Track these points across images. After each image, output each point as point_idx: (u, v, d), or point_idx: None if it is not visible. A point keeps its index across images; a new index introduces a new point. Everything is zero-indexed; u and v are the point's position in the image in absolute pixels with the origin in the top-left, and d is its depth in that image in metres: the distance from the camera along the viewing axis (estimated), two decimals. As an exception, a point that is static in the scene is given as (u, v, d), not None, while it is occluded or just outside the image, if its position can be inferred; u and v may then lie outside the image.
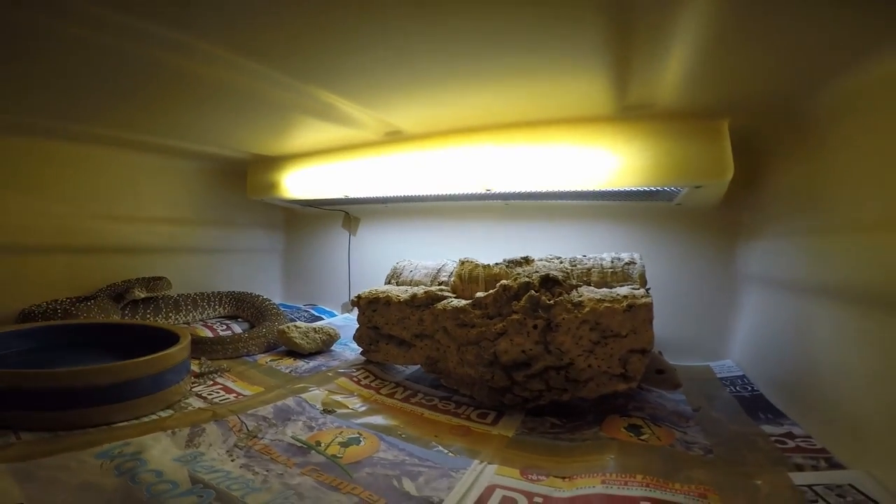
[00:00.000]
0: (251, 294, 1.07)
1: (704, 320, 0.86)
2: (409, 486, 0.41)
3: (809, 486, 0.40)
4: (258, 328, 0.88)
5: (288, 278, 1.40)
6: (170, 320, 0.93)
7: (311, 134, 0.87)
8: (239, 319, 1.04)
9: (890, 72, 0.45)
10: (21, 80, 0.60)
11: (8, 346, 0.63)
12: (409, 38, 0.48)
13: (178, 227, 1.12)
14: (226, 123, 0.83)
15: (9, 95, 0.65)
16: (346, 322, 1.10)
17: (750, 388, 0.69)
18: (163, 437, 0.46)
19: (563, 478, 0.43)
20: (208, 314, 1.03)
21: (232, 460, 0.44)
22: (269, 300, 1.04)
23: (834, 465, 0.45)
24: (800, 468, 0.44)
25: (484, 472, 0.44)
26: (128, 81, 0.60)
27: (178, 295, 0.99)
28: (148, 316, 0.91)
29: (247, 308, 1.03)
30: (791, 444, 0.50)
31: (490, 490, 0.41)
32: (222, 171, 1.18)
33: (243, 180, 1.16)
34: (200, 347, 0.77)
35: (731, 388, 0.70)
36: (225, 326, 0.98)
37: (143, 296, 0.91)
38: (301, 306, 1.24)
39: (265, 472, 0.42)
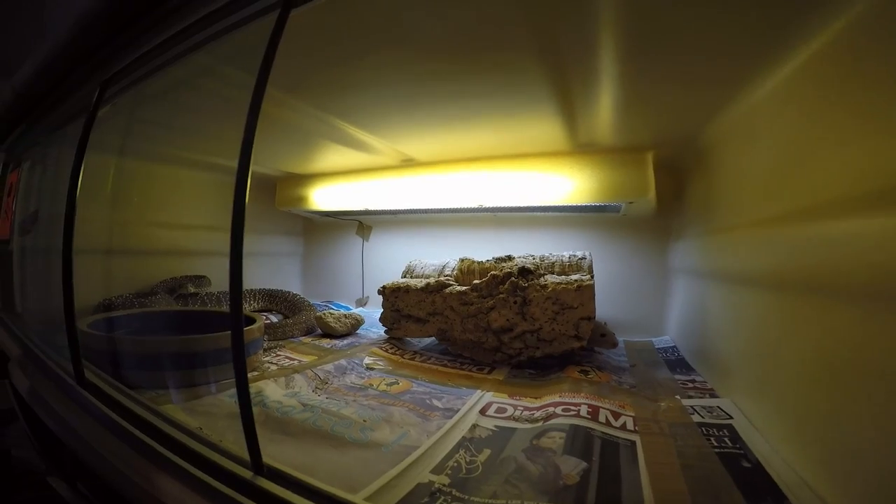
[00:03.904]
0: (282, 291, 1.27)
1: (647, 305, 1.07)
2: (437, 402, 0.64)
3: (692, 406, 0.59)
4: (298, 316, 1.09)
5: (306, 278, 1.59)
6: (214, 312, 1.12)
7: (337, 158, 1.08)
8: (273, 312, 1.24)
9: (745, 111, 0.61)
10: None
11: (130, 325, 0.83)
12: (422, 93, 0.67)
13: (214, 233, 1.29)
14: (265, 146, 1.02)
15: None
16: (361, 313, 1.31)
17: (676, 354, 0.89)
18: (269, 383, 0.68)
19: (536, 397, 0.66)
20: (244, 308, 1.22)
21: (318, 396, 0.66)
22: (299, 295, 1.25)
23: (713, 396, 0.63)
24: (690, 398, 0.63)
25: (484, 396, 0.67)
26: (207, 113, 0.81)
27: (218, 291, 1.18)
28: (196, 308, 1.10)
29: (280, 302, 1.24)
30: (691, 385, 0.69)
31: (489, 404, 0.64)
32: (252, 185, 1.36)
33: (270, 193, 1.35)
34: (259, 330, 0.97)
35: (663, 354, 0.91)
36: (265, 317, 1.18)
37: (193, 290, 1.11)
38: (320, 302, 1.43)
39: (344, 400, 0.64)
